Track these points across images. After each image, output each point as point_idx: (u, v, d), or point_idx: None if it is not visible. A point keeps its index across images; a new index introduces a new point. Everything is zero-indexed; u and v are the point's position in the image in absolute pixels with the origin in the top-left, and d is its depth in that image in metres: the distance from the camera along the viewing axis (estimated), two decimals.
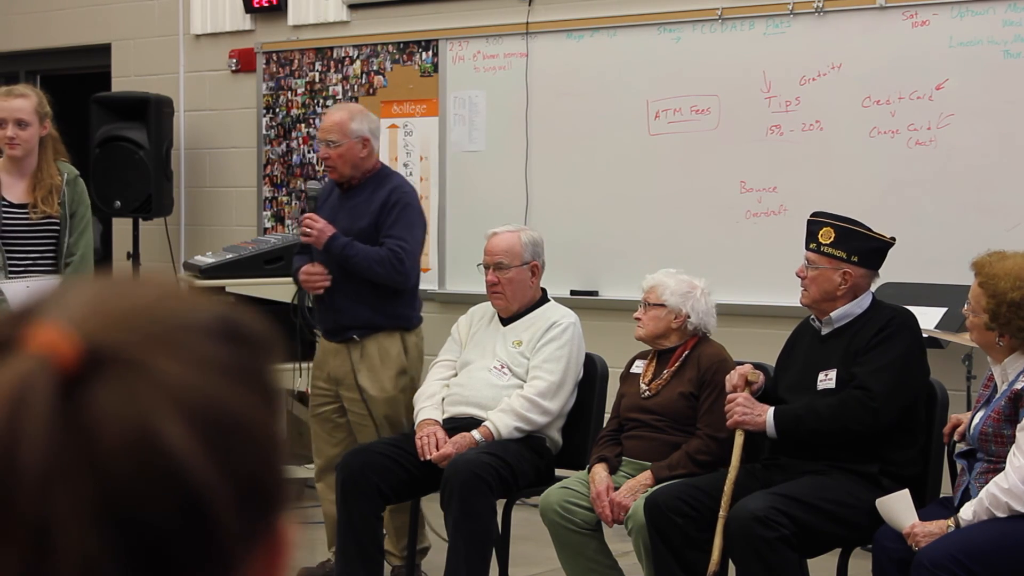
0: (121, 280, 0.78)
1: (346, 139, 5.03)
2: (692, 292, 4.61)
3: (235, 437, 0.73)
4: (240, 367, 0.76)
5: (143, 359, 0.72)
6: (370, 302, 5.04)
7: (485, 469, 4.50)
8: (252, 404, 0.75)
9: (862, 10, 5.97)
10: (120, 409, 0.70)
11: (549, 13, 6.77)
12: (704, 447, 4.38)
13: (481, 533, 4.51)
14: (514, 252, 4.92)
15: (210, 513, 0.70)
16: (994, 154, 5.69)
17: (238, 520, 0.72)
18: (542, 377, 4.77)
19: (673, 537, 4.12)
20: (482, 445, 4.65)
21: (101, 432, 0.69)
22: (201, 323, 0.76)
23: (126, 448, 0.69)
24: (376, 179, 5.10)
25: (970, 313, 4.01)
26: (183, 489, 0.70)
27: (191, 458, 0.70)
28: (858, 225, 4.30)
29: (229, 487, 0.71)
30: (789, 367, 4.38)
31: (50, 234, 4.92)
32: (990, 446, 3.88)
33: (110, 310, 0.74)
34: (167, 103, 7.72)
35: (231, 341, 0.76)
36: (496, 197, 6.85)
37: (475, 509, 4.49)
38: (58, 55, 8.76)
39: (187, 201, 8.08)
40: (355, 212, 5.05)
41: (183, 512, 0.70)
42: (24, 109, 4.88)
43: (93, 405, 0.70)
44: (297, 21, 7.63)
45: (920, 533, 3.77)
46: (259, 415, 0.75)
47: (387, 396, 5.06)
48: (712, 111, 6.33)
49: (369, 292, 5.03)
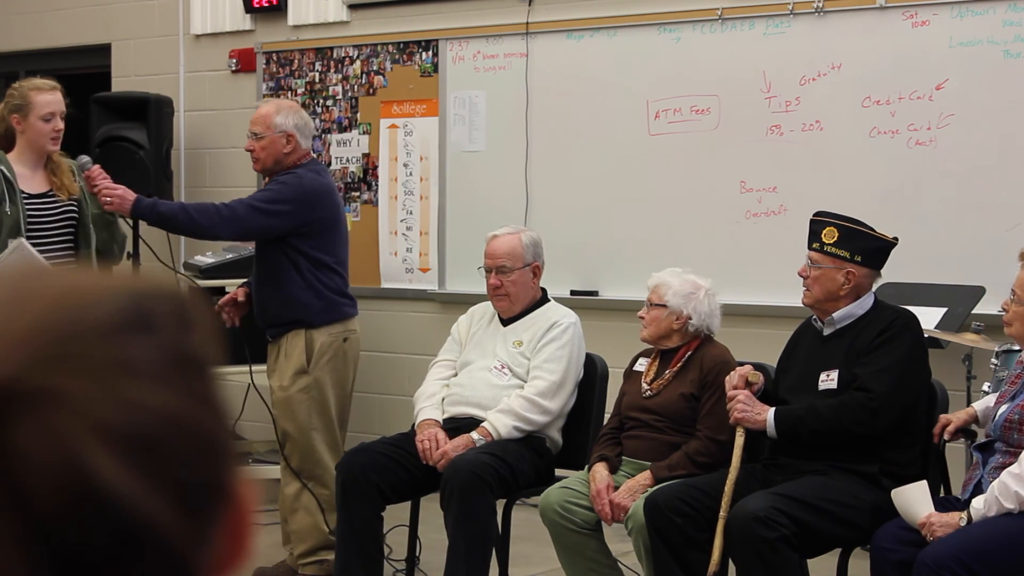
0: (13, 296, 0.72)
1: (270, 132, 5.08)
2: (695, 293, 4.59)
3: (166, 446, 0.69)
4: (159, 360, 0.71)
5: (51, 385, 0.67)
6: (280, 298, 5.07)
7: (485, 469, 4.50)
8: (180, 400, 0.71)
9: (862, 10, 5.97)
10: (40, 447, 0.66)
11: (549, 13, 6.77)
12: (704, 448, 4.38)
13: (481, 533, 4.51)
14: (516, 254, 4.93)
15: (150, 534, 0.68)
16: (994, 154, 5.69)
17: (186, 524, 0.70)
18: (543, 377, 4.77)
19: (673, 537, 4.12)
20: (482, 445, 4.65)
21: (25, 474, 0.66)
22: (105, 323, 0.70)
23: (53, 486, 0.66)
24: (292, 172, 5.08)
25: (1013, 304, 3.97)
26: (117, 518, 0.67)
27: (120, 486, 0.67)
28: (861, 225, 4.29)
29: (167, 500, 0.69)
30: (790, 368, 4.38)
31: (69, 219, 4.97)
32: (1013, 434, 3.87)
33: (7, 336, 0.69)
34: (167, 103, 7.72)
35: (143, 331, 0.71)
36: (496, 197, 6.85)
37: (475, 509, 4.49)
38: (58, 55, 8.75)
39: (187, 201, 8.08)
40: None
41: (121, 539, 0.67)
42: (63, 103, 4.98)
43: (12, 447, 0.66)
44: (297, 21, 7.63)
45: (937, 523, 3.76)
46: (190, 409, 0.71)
47: (283, 395, 5.13)
48: (712, 111, 6.33)
49: (280, 288, 5.06)
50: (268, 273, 5.10)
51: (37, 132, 4.89)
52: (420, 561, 5.11)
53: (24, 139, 4.91)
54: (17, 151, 4.93)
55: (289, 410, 5.14)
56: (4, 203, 4.80)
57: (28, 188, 4.90)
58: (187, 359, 0.73)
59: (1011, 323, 4.00)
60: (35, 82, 5.01)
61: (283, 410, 5.16)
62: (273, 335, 5.18)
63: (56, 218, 4.95)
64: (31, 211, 4.88)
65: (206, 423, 0.72)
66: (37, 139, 4.90)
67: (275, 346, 5.19)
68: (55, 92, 4.95)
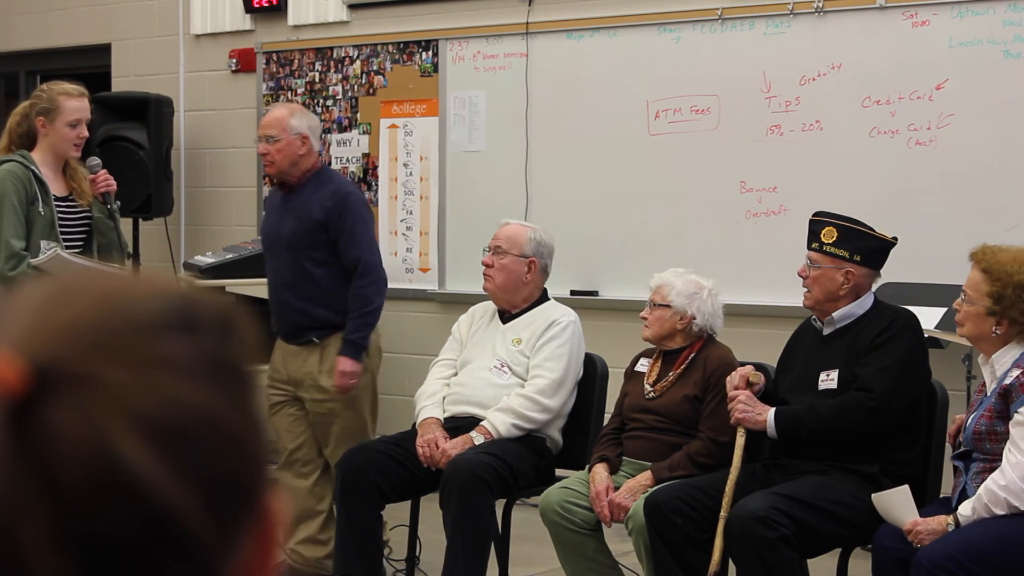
0: (63, 287, 0.74)
1: (285, 134, 5.09)
2: (699, 293, 4.59)
3: (197, 441, 0.70)
4: (199, 359, 0.72)
5: (91, 372, 0.69)
6: (325, 302, 5.10)
7: (485, 469, 4.50)
8: (215, 399, 0.72)
9: (862, 10, 5.97)
10: (73, 429, 0.67)
11: (549, 13, 6.77)
12: (705, 449, 4.37)
13: (480, 533, 4.51)
14: (516, 241, 4.95)
15: (176, 525, 0.68)
16: (994, 154, 5.69)
17: (212, 523, 0.70)
18: (543, 375, 4.77)
19: (673, 537, 4.12)
20: (481, 444, 4.65)
21: (56, 456, 0.67)
22: (150, 319, 0.72)
23: (82, 468, 0.67)
24: (316, 179, 5.15)
25: (964, 304, 3.98)
26: (144, 505, 0.67)
27: (149, 473, 0.67)
28: (861, 225, 4.30)
29: (195, 494, 0.69)
30: (790, 368, 4.38)
31: (86, 224, 4.97)
32: (984, 444, 3.88)
33: (52, 324, 0.70)
34: (167, 103, 7.72)
35: (187, 331, 0.73)
36: (496, 197, 6.85)
37: (474, 509, 4.49)
38: (58, 55, 8.75)
39: (187, 201, 8.08)
40: (300, 212, 5.10)
41: (147, 527, 0.68)
42: (89, 110, 4.99)
43: (46, 428, 0.67)
44: (297, 21, 7.63)
45: (923, 531, 3.77)
46: (224, 409, 0.72)
47: (350, 395, 5.14)
48: (712, 111, 6.33)
49: (323, 292, 5.09)
50: (310, 280, 5.10)
51: (61, 137, 4.86)
52: (420, 561, 5.11)
53: (47, 142, 4.87)
54: (38, 153, 4.89)
55: (351, 406, 5.17)
56: (37, 203, 4.79)
57: (54, 191, 4.90)
58: (226, 364, 0.74)
59: (963, 323, 4.01)
60: (64, 87, 4.95)
61: (341, 408, 5.17)
62: (319, 337, 5.15)
63: (77, 222, 4.95)
64: (57, 214, 4.88)
65: (238, 426, 0.73)
66: (60, 144, 4.87)
67: (314, 349, 5.16)
68: (83, 99, 4.92)
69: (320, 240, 5.07)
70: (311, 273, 5.10)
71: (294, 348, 5.20)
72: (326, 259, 5.10)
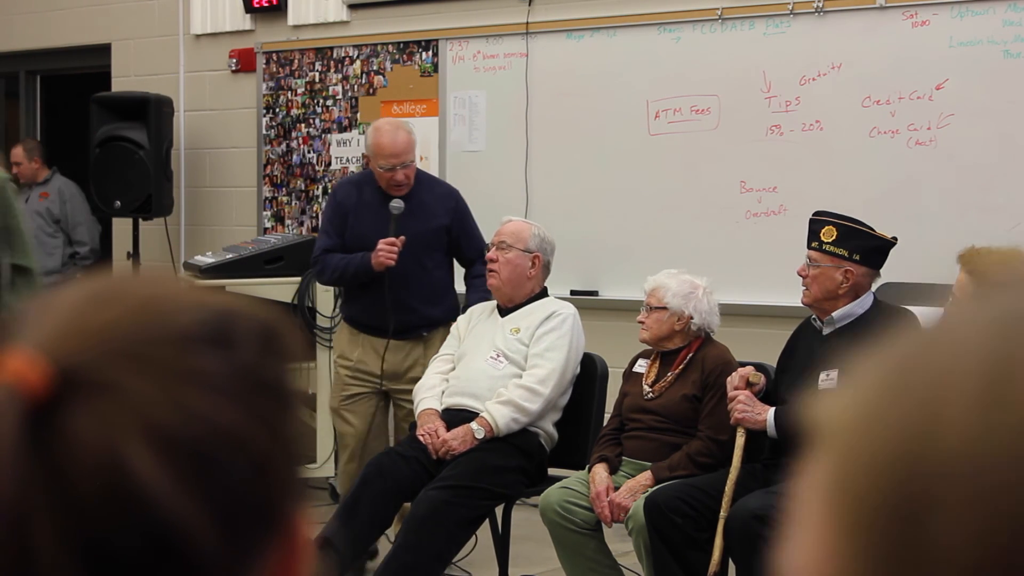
0: (102, 291, 0.72)
1: (413, 155, 5.33)
2: (694, 293, 4.60)
3: (216, 458, 0.68)
4: (230, 375, 0.70)
5: (115, 380, 0.67)
6: (437, 301, 5.33)
7: (450, 511, 4.49)
8: (242, 418, 0.70)
9: (862, 10, 5.97)
10: (89, 436, 0.66)
11: (549, 13, 6.77)
12: (705, 449, 4.38)
13: (435, 556, 4.52)
14: (520, 236, 4.98)
15: (183, 541, 0.67)
16: (994, 154, 5.69)
17: (225, 542, 0.68)
18: (541, 365, 4.76)
19: (673, 537, 4.12)
20: (458, 466, 4.60)
21: (70, 461, 0.66)
22: (185, 331, 0.70)
23: (94, 476, 0.66)
24: (418, 179, 5.37)
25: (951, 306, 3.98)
26: (150, 518, 0.66)
27: (157, 486, 0.66)
28: (860, 224, 4.30)
29: (207, 512, 0.67)
30: (790, 367, 4.38)
31: None
32: None
33: (82, 329, 0.69)
34: (167, 103, 7.72)
35: (222, 346, 0.71)
36: (496, 197, 6.84)
37: (435, 537, 4.48)
38: (58, 55, 8.76)
39: (187, 201, 8.08)
40: (424, 213, 5.30)
41: (152, 540, 0.67)
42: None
43: (63, 433, 0.66)
44: (297, 21, 7.63)
45: None
46: (251, 429, 0.70)
47: None
48: (712, 111, 6.33)
49: (436, 291, 5.33)
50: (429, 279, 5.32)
51: None
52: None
53: None
54: None
55: None
56: None
57: None
58: (261, 382, 0.72)
59: None
60: None
61: None
62: (427, 331, 5.34)
63: None
64: None
65: (266, 447, 0.70)
66: None
67: (419, 343, 5.35)
68: None
69: (442, 241, 5.34)
70: (432, 273, 5.32)
71: (397, 342, 5.30)
72: (443, 259, 5.39)
